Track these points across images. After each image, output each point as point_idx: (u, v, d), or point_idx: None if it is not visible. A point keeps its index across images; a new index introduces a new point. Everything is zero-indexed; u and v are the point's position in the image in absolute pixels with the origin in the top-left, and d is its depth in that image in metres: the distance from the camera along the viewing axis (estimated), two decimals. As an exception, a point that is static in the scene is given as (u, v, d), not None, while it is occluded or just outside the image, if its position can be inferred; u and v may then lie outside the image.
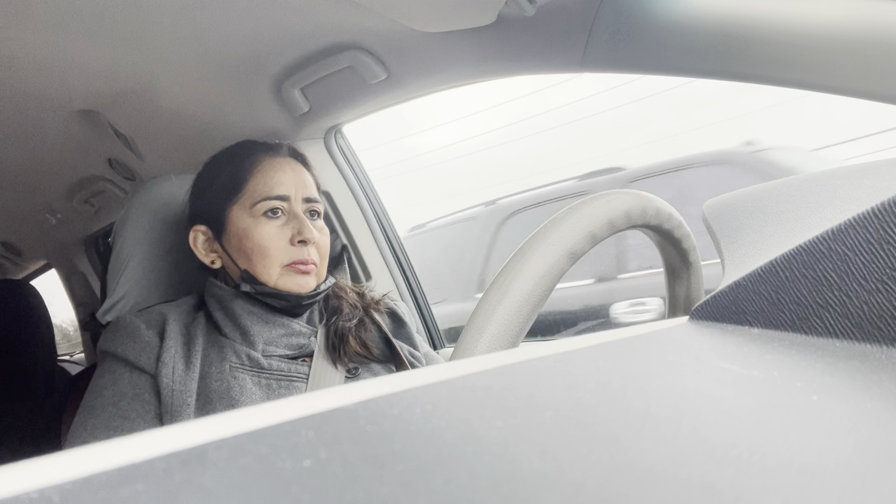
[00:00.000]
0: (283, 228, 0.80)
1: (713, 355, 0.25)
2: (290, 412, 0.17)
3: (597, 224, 0.42)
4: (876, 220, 0.24)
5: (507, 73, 0.90)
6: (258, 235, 0.79)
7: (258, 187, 0.81)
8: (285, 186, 0.81)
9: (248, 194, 0.81)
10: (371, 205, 1.32)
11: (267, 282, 0.79)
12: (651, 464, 0.15)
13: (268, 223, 0.80)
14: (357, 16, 0.87)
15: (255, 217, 0.80)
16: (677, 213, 0.48)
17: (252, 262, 0.79)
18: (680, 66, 0.69)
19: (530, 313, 0.38)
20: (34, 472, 0.13)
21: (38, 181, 1.53)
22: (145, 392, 0.73)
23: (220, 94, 1.08)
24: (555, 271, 0.39)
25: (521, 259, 0.39)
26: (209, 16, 0.85)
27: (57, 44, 0.88)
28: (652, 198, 0.46)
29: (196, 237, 0.84)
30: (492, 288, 0.39)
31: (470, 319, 0.38)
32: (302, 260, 0.79)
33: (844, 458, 0.16)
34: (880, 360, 0.23)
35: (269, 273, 0.79)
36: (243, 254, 0.80)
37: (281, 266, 0.79)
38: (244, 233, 0.80)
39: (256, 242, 0.79)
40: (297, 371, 0.78)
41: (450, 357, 0.37)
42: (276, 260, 0.79)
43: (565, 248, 0.40)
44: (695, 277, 0.52)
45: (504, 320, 0.37)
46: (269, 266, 0.79)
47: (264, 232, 0.79)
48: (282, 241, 0.79)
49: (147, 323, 0.78)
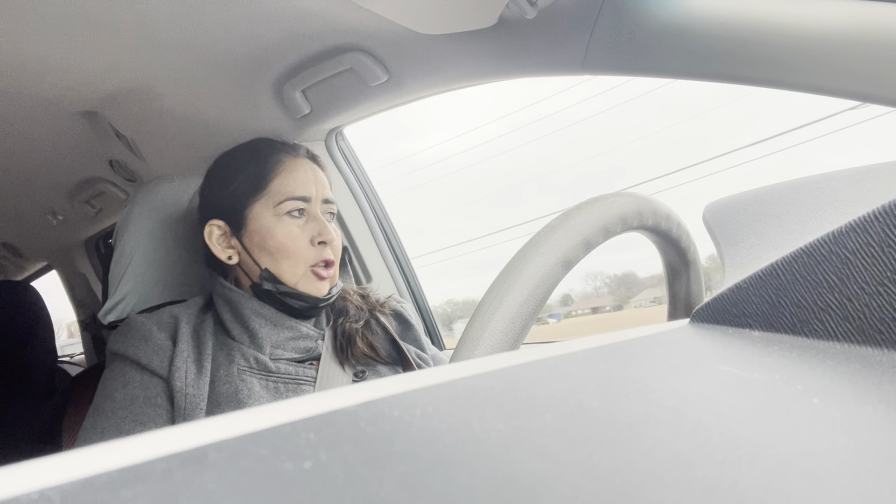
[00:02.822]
0: (304, 229, 0.81)
1: (714, 358, 0.25)
2: (290, 414, 0.17)
3: (591, 231, 0.41)
4: (876, 222, 0.24)
5: (508, 76, 0.90)
6: (282, 234, 0.79)
7: (282, 186, 0.81)
8: (308, 187, 0.82)
9: (272, 192, 0.81)
10: (372, 207, 1.32)
11: (289, 282, 0.79)
12: (652, 466, 0.15)
13: (291, 222, 0.80)
14: (358, 18, 0.87)
15: (279, 216, 0.80)
16: (675, 212, 0.48)
17: (276, 260, 0.80)
18: (681, 69, 0.69)
19: (524, 324, 0.38)
20: (34, 473, 0.13)
21: (39, 182, 1.53)
22: (157, 396, 0.73)
23: (222, 96, 1.08)
24: (549, 281, 0.38)
25: (515, 269, 0.38)
26: (210, 18, 0.85)
27: (57, 45, 0.88)
28: (648, 199, 0.45)
29: (211, 232, 0.84)
30: (486, 299, 0.38)
31: (464, 333, 0.38)
32: (323, 260, 0.80)
33: (845, 461, 0.16)
34: (881, 363, 0.23)
35: (294, 272, 0.79)
36: (266, 252, 0.80)
37: (306, 266, 0.80)
38: (267, 231, 0.80)
39: (280, 241, 0.79)
40: (305, 374, 0.78)
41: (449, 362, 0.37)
42: (300, 259, 0.80)
43: (559, 257, 0.39)
44: (694, 275, 0.52)
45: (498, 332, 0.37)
46: (294, 265, 0.79)
47: (288, 231, 0.80)
48: (304, 242, 0.80)
49: (159, 325, 0.77)
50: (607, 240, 0.42)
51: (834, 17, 0.58)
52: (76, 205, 1.66)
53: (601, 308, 19.83)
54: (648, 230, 0.46)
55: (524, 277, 0.38)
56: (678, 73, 0.69)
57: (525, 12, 0.78)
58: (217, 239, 0.84)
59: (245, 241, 0.82)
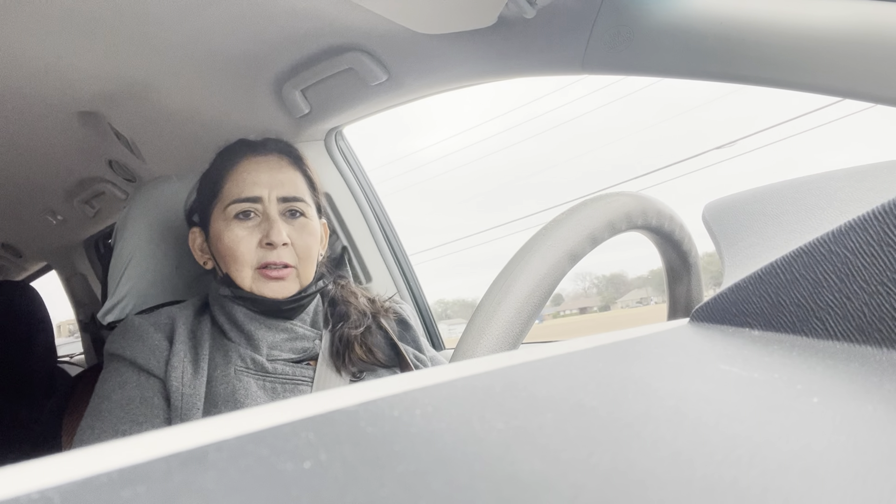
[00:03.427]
0: (255, 230, 0.79)
1: (714, 357, 0.25)
2: (290, 414, 0.17)
3: (597, 226, 0.42)
4: (876, 222, 0.24)
5: (507, 75, 0.90)
6: (228, 238, 0.78)
7: (232, 189, 0.80)
8: (258, 187, 0.79)
9: (223, 197, 0.81)
10: (371, 206, 1.32)
11: (241, 285, 0.78)
12: (652, 465, 0.15)
13: (238, 226, 0.78)
14: (357, 17, 0.87)
15: (228, 220, 0.79)
16: (678, 214, 0.48)
17: (227, 265, 0.79)
18: (680, 69, 0.69)
19: (531, 315, 0.38)
20: (34, 474, 0.13)
21: (39, 183, 1.53)
22: (154, 396, 0.72)
23: (221, 96, 1.08)
24: (555, 273, 0.39)
25: (522, 260, 0.39)
26: (210, 18, 0.85)
27: (57, 45, 0.88)
28: (653, 199, 0.46)
29: (194, 238, 0.85)
30: (492, 289, 0.39)
31: (470, 321, 0.38)
32: (270, 262, 0.77)
33: (845, 460, 0.16)
34: (881, 362, 0.23)
35: (242, 276, 0.78)
36: (220, 256, 0.80)
37: (252, 269, 0.78)
38: (218, 235, 0.80)
39: (227, 245, 0.78)
40: (302, 375, 0.77)
41: (450, 358, 0.37)
42: (245, 263, 0.77)
43: (566, 250, 0.40)
44: (695, 279, 0.52)
45: (505, 322, 0.37)
46: (241, 269, 0.78)
47: (233, 234, 0.78)
48: (251, 244, 0.78)
49: (156, 326, 0.77)
50: (612, 237, 0.43)
51: (834, 17, 0.58)
52: (75, 205, 1.66)
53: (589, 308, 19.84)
54: (652, 230, 0.47)
55: (531, 268, 0.38)
56: (678, 73, 0.69)
57: (524, 12, 0.78)
58: (199, 245, 0.85)
59: (211, 248, 0.83)
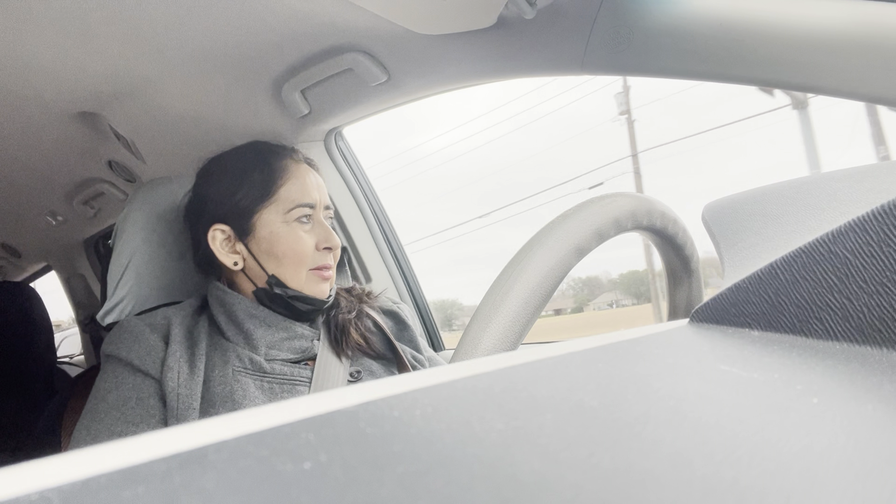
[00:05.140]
0: (310, 234, 0.83)
1: (713, 358, 0.25)
2: (290, 414, 0.17)
3: (603, 222, 0.42)
4: (876, 222, 0.24)
5: (507, 76, 0.90)
6: (294, 240, 0.81)
7: (291, 193, 0.83)
8: (312, 193, 0.84)
9: (282, 199, 0.82)
10: (371, 207, 1.32)
11: (293, 286, 0.81)
12: (652, 465, 0.15)
13: (300, 228, 0.82)
14: (357, 18, 0.87)
15: (289, 223, 0.82)
16: (681, 218, 0.48)
17: (283, 266, 0.81)
18: (680, 69, 0.69)
19: (538, 306, 0.38)
20: (34, 474, 0.13)
21: (38, 183, 1.53)
22: (150, 397, 0.73)
23: (221, 97, 1.08)
24: (562, 266, 0.40)
25: (530, 252, 0.39)
26: (210, 18, 0.85)
27: (57, 46, 0.88)
28: (657, 201, 0.46)
29: (215, 236, 0.84)
30: (499, 280, 0.39)
31: (477, 311, 0.38)
32: (326, 265, 0.83)
33: (845, 461, 0.16)
34: (881, 362, 0.23)
35: (298, 277, 0.81)
36: (273, 257, 0.81)
37: (307, 271, 0.82)
38: (276, 237, 0.81)
39: (291, 247, 0.81)
40: (300, 375, 0.78)
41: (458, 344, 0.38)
42: (304, 264, 0.82)
43: (573, 244, 0.40)
44: (696, 284, 0.52)
45: (511, 314, 0.37)
46: (298, 270, 0.81)
47: (297, 236, 0.81)
48: (310, 247, 0.82)
49: (151, 326, 0.77)
50: (617, 234, 0.44)
51: (833, 17, 0.58)
52: (75, 205, 1.66)
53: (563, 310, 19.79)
54: (655, 232, 0.47)
55: (539, 259, 0.39)
56: (677, 73, 0.69)
57: (524, 12, 0.78)
58: (221, 244, 0.84)
59: (252, 247, 0.83)
